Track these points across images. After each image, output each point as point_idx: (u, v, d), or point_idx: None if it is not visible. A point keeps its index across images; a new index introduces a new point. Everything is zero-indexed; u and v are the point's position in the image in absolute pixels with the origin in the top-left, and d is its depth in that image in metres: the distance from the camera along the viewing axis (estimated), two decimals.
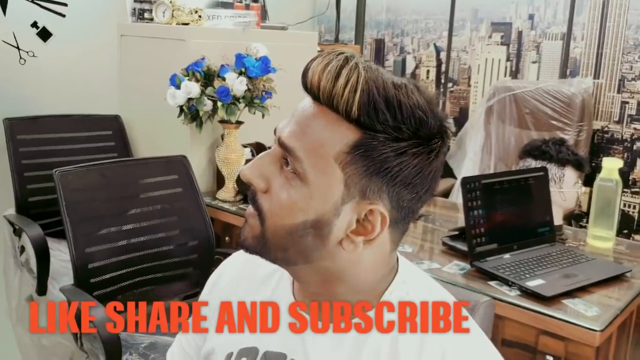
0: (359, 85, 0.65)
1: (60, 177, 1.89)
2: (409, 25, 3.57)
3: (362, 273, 0.74)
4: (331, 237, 0.71)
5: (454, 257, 1.83)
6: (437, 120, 0.68)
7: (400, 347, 0.72)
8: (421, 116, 0.66)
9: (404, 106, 0.66)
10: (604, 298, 1.61)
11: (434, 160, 0.69)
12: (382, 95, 0.65)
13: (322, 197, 0.69)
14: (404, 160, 0.67)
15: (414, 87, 0.68)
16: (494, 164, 2.98)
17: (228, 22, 2.57)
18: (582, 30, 2.94)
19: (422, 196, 0.71)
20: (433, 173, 0.70)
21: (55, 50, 2.59)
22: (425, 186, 0.70)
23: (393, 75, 0.70)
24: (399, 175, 0.68)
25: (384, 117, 0.65)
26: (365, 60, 0.68)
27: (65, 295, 1.83)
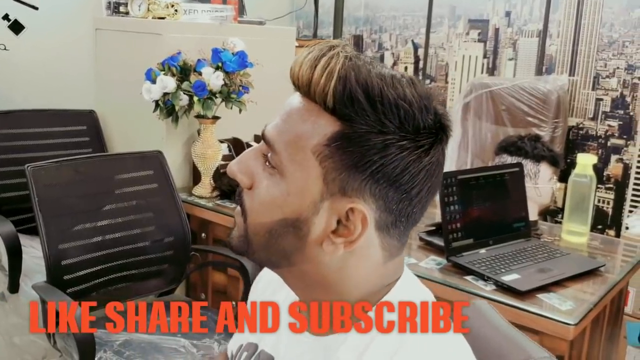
0: (335, 73, 0.62)
1: (33, 173, 1.85)
2: (387, 21, 3.58)
3: (347, 282, 0.69)
4: (310, 237, 0.66)
5: (431, 252, 1.83)
6: (430, 116, 0.64)
7: (371, 347, 0.68)
8: (406, 109, 0.62)
9: (386, 97, 0.62)
10: (578, 292, 1.62)
11: (423, 157, 0.64)
12: (361, 84, 0.62)
13: (299, 193, 0.65)
14: (387, 154, 0.62)
15: (408, 80, 0.64)
16: (470, 160, 3.00)
17: (205, 17, 2.55)
18: (557, 28, 2.97)
19: (415, 198, 0.65)
20: (425, 172, 0.64)
21: (28, 43, 2.54)
22: (416, 186, 0.65)
23: (390, 69, 0.66)
24: (380, 171, 0.63)
25: (361, 106, 0.62)
26: (352, 50, 0.65)
27: (38, 293, 1.80)
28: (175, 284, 2.16)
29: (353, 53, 0.65)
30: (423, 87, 0.65)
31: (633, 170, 2.72)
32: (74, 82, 2.68)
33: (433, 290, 1.70)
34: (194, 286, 2.43)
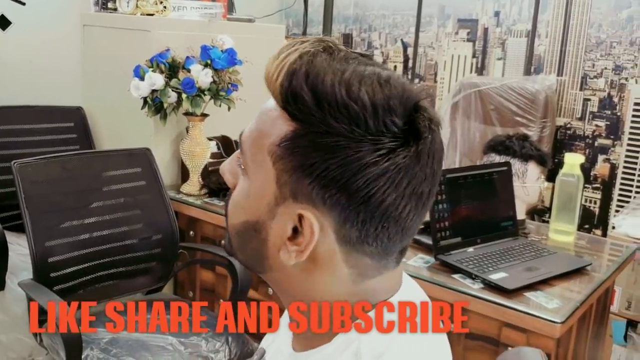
0: (284, 68, 0.59)
1: (20, 169, 1.84)
2: (377, 20, 3.58)
3: (313, 296, 0.65)
4: (269, 243, 0.63)
5: (419, 251, 1.84)
6: (395, 118, 0.57)
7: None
8: (354, 109, 0.56)
9: (335, 96, 0.56)
10: (565, 291, 1.63)
11: (381, 162, 0.56)
12: (310, 81, 0.57)
13: (257, 195, 0.63)
14: (333, 157, 0.57)
15: (381, 80, 0.58)
16: (459, 160, 3.01)
17: (194, 13, 2.54)
18: (546, 28, 2.98)
19: (377, 209, 0.58)
20: (386, 179, 0.57)
21: (15, 39, 2.52)
22: (376, 195, 0.57)
23: (375, 67, 0.60)
24: (327, 176, 0.57)
25: (306, 105, 0.57)
26: (333, 46, 0.61)
27: (24, 290, 1.79)
28: (163, 282, 2.15)
29: (319, 48, 0.60)
30: (402, 87, 0.59)
31: (620, 170, 2.74)
32: (62, 78, 2.66)
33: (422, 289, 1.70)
34: (182, 284, 2.42)
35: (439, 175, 0.61)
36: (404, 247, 0.65)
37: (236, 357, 1.80)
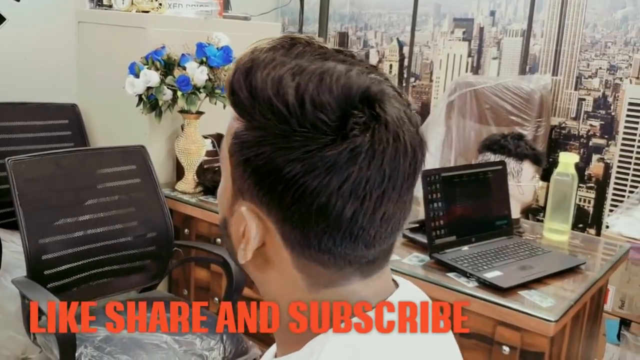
0: (234, 66, 0.59)
1: (14, 166, 1.83)
2: (373, 19, 3.58)
3: (274, 298, 0.64)
4: (232, 240, 0.63)
5: (414, 249, 1.84)
6: (325, 114, 0.54)
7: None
8: (279, 107, 0.54)
9: (263, 91, 0.55)
10: (559, 289, 1.64)
11: (304, 161, 0.54)
12: (248, 77, 0.57)
13: (223, 192, 0.63)
14: (262, 152, 0.56)
15: (317, 75, 0.55)
16: (454, 159, 3.01)
17: (189, 11, 2.53)
18: (541, 28, 2.99)
19: (311, 211, 0.55)
20: (312, 179, 0.54)
21: (9, 35, 2.51)
22: (307, 196, 0.54)
23: (337, 62, 0.57)
24: (258, 172, 0.56)
25: (241, 100, 0.57)
26: (286, 40, 0.60)
27: (18, 288, 1.79)
28: (157, 279, 2.15)
29: (278, 44, 0.59)
30: (345, 82, 0.55)
31: (614, 169, 2.75)
32: (56, 75, 2.65)
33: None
34: (177, 282, 2.42)
35: (397, 177, 0.56)
36: (371, 259, 0.60)
37: (231, 355, 1.80)
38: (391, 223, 0.58)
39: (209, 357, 1.77)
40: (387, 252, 0.63)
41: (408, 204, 0.60)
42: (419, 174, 0.59)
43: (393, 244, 0.63)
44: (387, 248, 0.61)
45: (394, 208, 0.57)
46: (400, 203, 0.58)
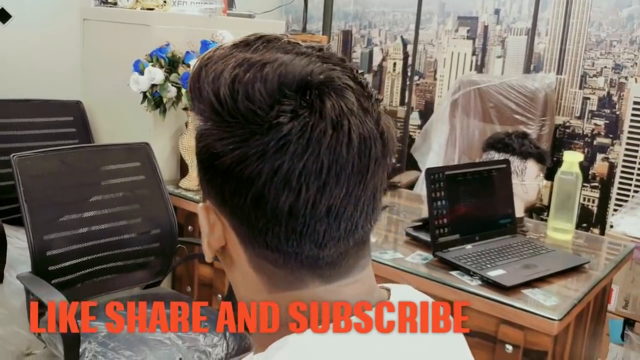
0: (198, 62, 0.60)
1: (19, 163, 1.84)
2: (377, 17, 3.58)
3: (241, 298, 0.63)
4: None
5: (417, 248, 1.84)
6: (250, 105, 0.53)
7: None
8: (210, 99, 0.55)
9: (201, 86, 0.56)
10: (563, 288, 1.64)
11: (234, 152, 0.53)
12: (200, 72, 0.57)
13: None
14: (203, 144, 0.56)
15: (256, 66, 0.54)
16: (458, 157, 3.01)
17: (194, 9, 2.53)
18: (546, 26, 2.98)
19: (248, 202, 0.54)
20: (243, 168, 0.53)
21: (14, 32, 2.52)
22: (242, 187, 0.54)
23: (296, 54, 0.56)
24: (203, 166, 0.57)
25: (190, 96, 0.58)
26: (255, 38, 0.58)
27: (23, 283, 1.79)
28: (161, 276, 2.15)
29: (242, 41, 0.58)
30: (282, 72, 0.54)
31: (618, 169, 2.74)
32: (61, 72, 2.66)
33: (419, 285, 1.70)
34: (180, 279, 2.42)
35: (340, 169, 0.53)
36: (330, 262, 0.57)
37: (234, 351, 1.81)
38: (343, 221, 0.55)
39: (212, 353, 1.77)
40: (354, 256, 0.59)
41: (367, 201, 0.56)
42: (377, 168, 0.55)
43: (362, 248, 0.59)
44: (351, 251, 0.58)
45: (343, 203, 0.54)
46: (351, 199, 0.54)
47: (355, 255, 0.59)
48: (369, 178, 0.55)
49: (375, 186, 0.56)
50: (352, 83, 0.56)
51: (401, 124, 3.50)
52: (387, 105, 3.54)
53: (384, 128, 0.56)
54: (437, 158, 3.04)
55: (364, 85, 0.57)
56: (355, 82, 0.56)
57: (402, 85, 3.48)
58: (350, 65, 0.58)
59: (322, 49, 0.58)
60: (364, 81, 0.57)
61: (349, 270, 0.59)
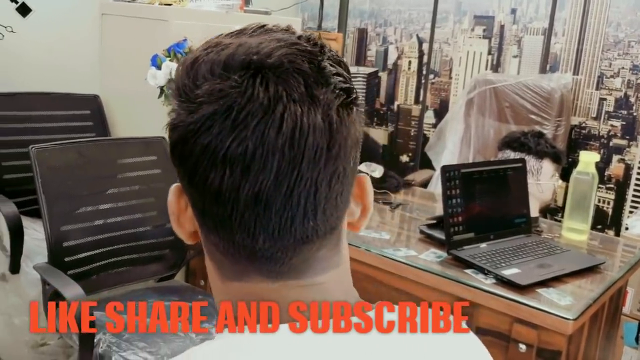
0: None
1: (37, 154, 1.86)
2: (392, 15, 3.57)
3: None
4: None
5: (431, 245, 1.84)
6: (187, 86, 0.54)
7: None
8: (174, 80, 0.56)
9: (179, 66, 0.57)
10: (578, 288, 1.63)
11: (178, 129, 0.53)
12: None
13: None
14: (167, 122, 0.56)
15: (215, 49, 0.55)
16: (472, 157, 3.00)
17: (211, 4, 2.55)
18: (563, 26, 2.97)
19: (187, 179, 0.55)
20: (183, 145, 0.53)
21: (34, 26, 2.54)
22: (184, 164, 0.54)
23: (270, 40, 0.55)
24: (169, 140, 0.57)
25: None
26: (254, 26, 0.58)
27: (39, 273, 1.82)
28: (175, 269, 2.17)
29: (243, 28, 0.59)
30: (234, 52, 0.54)
31: (634, 170, 2.73)
32: (79, 66, 2.68)
33: (433, 283, 1.70)
34: (194, 272, 2.43)
35: (268, 155, 0.51)
36: (269, 256, 0.55)
37: None
38: (275, 213, 0.53)
39: None
40: (300, 256, 0.56)
41: (303, 195, 0.53)
42: (318, 161, 0.52)
43: (310, 248, 0.55)
44: (294, 249, 0.55)
45: (271, 192, 0.52)
46: (280, 188, 0.52)
47: (302, 255, 0.56)
48: (305, 169, 0.52)
49: (316, 181, 0.52)
50: (310, 70, 0.53)
51: (416, 122, 3.50)
52: (402, 103, 3.54)
53: (334, 119, 0.53)
54: (452, 157, 3.03)
55: (327, 74, 0.54)
56: (317, 69, 0.54)
57: (417, 83, 3.48)
58: (320, 52, 0.55)
59: (304, 36, 0.57)
60: (332, 70, 0.54)
61: (297, 270, 0.56)
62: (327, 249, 0.57)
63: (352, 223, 0.61)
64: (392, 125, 3.60)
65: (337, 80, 0.54)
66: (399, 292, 1.72)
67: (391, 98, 3.59)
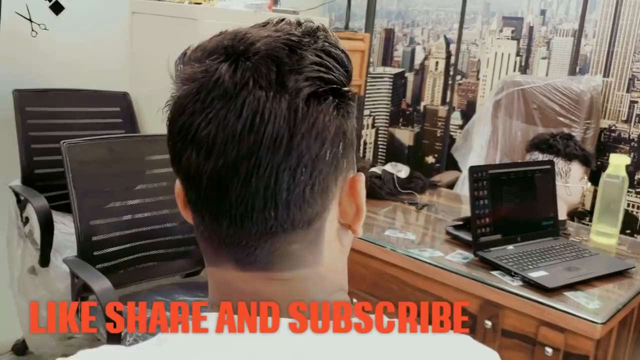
0: None
1: (68, 149, 1.89)
2: (420, 16, 3.56)
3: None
4: None
5: (457, 247, 1.83)
6: (176, 69, 0.58)
7: None
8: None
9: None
10: (607, 292, 1.61)
11: (168, 107, 0.57)
12: None
13: None
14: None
15: (225, 33, 0.57)
16: (499, 158, 2.97)
17: (240, 4, 2.56)
18: (594, 28, 2.93)
19: (170, 155, 0.57)
20: (170, 124, 0.56)
21: (67, 24, 2.58)
22: (170, 140, 0.56)
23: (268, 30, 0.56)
24: None
25: None
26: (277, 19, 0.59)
27: (68, 266, 1.85)
28: (201, 265, 2.19)
29: (267, 21, 0.60)
30: (219, 38, 0.56)
31: None
32: (110, 64, 2.71)
33: (459, 284, 1.69)
34: None
35: (228, 139, 0.51)
36: (236, 244, 0.55)
37: None
38: (235, 198, 0.52)
39: None
40: (264, 248, 0.55)
41: (262, 183, 0.52)
42: (278, 149, 0.51)
43: (275, 240, 0.55)
44: (257, 239, 0.54)
45: (229, 176, 0.52)
46: (237, 173, 0.52)
47: (268, 246, 0.55)
48: (263, 156, 0.51)
49: (277, 170, 0.52)
50: (287, 57, 0.53)
51: (442, 123, 3.48)
52: (429, 104, 3.52)
53: (300, 107, 0.52)
54: (478, 159, 3.01)
55: (304, 62, 0.53)
56: (296, 57, 0.54)
57: (444, 84, 3.46)
58: (310, 43, 0.55)
59: (307, 28, 0.57)
60: (313, 59, 0.54)
61: (264, 262, 0.56)
62: (300, 246, 0.56)
63: (346, 225, 0.60)
64: (418, 126, 3.59)
65: (314, 69, 0.53)
66: (424, 293, 1.72)
67: (417, 99, 3.58)
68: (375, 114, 3.76)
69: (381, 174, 2.32)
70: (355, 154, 0.60)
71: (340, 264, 0.61)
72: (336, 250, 0.60)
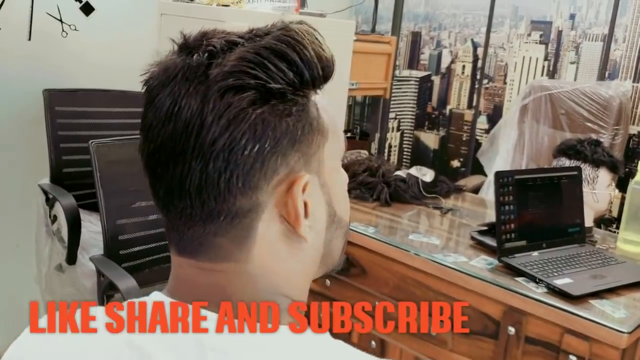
0: None
1: (97, 149, 1.92)
2: (447, 19, 3.55)
3: None
4: None
5: (482, 252, 1.82)
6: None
7: None
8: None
9: None
10: (633, 301, 1.59)
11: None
12: None
13: None
14: None
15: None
16: (525, 163, 2.95)
17: (267, 6, 2.58)
18: (624, 32, 2.89)
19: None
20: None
21: (96, 24, 2.62)
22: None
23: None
24: None
25: None
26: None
27: (95, 265, 1.87)
28: None
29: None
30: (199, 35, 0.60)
31: None
32: (138, 65, 2.72)
33: (483, 290, 1.68)
34: None
35: (152, 135, 0.56)
36: (170, 227, 0.58)
37: None
38: (159, 180, 0.57)
39: None
40: (189, 235, 0.57)
41: (178, 169, 0.54)
42: (189, 138, 0.53)
43: (200, 228, 0.56)
44: (183, 224, 0.56)
45: (154, 160, 0.56)
46: (161, 160, 0.55)
47: (193, 234, 0.57)
48: (178, 144, 0.54)
49: (191, 158, 0.53)
50: (220, 51, 0.56)
51: (468, 127, 3.46)
52: (455, 108, 3.50)
53: (214, 100, 0.53)
54: (504, 163, 2.99)
55: (233, 56, 0.55)
56: (229, 51, 0.55)
57: (470, 88, 3.44)
58: (256, 38, 0.57)
59: (280, 25, 0.58)
60: (244, 56, 0.54)
61: (192, 249, 0.58)
62: (226, 239, 0.56)
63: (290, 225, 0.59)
64: (444, 129, 3.57)
65: (240, 64, 0.54)
66: (447, 298, 1.71)
67: (443, 102, 3.56)
68: (401, 117, 3.75)
69: (406, 177, 2.31)
70: (313, 155, 0.58)
71: (284, 268, 0.60)
72: (279, 252, 0.59)
